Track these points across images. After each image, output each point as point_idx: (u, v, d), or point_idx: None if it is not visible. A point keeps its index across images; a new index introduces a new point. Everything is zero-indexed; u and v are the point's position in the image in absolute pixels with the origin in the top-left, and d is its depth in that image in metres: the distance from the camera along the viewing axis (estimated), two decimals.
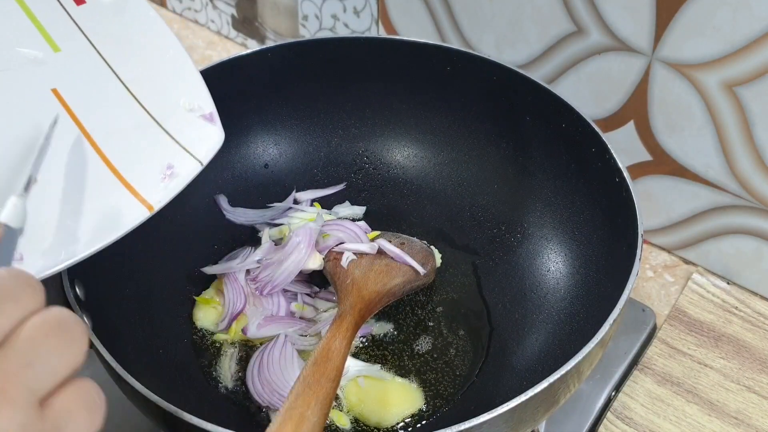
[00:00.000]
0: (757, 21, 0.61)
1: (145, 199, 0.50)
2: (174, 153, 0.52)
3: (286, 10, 0.93)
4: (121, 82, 0.54)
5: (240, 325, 0.65)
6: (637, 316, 0.72)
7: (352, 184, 0.77)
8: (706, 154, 0.70)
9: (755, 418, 0.66)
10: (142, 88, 0.55)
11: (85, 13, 0.57)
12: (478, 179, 0.75)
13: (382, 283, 0.63)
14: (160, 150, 0.52)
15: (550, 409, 0.54)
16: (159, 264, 0.68)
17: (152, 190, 0.50)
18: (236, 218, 0.73)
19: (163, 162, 0.51)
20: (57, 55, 0.55)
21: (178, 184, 0.51)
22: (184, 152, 0.52)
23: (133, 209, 0.49)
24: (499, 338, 0.66)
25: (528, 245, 0.70)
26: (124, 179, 0.51)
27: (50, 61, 0.55)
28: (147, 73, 0.55)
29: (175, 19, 1.08)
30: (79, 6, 0.57)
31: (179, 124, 0.53)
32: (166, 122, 0.53)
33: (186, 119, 0.54)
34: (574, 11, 0.69)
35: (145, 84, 0.55)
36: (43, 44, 0.55)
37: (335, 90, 0.76)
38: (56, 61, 0.55)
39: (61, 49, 0.55)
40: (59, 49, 0.55)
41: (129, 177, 0.51)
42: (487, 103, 0.72)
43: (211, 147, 0.53)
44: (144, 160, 0.52)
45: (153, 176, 0.51)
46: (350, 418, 0.61)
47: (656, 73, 0.68)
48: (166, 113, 0.54)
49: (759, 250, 0.72)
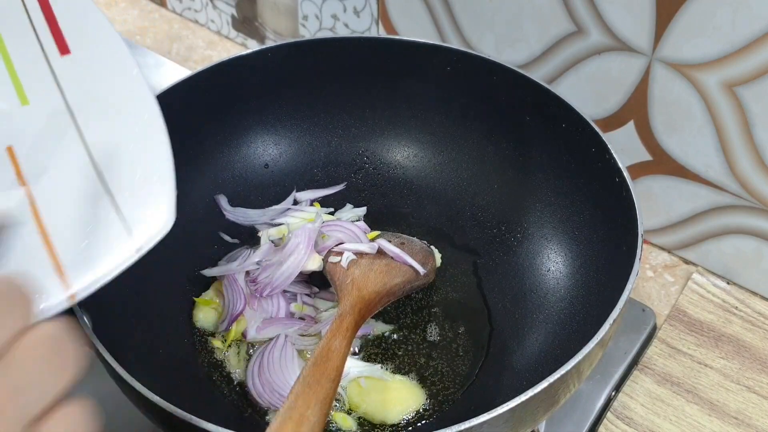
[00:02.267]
0: (757, 21, 0.60)
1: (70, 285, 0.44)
2: (116, 234, 0.46)
3: (286, 10, 0.93)
4: (84, 145, 0.49)
5: (239, 327, 0.65)
6: (637, 316, 0.72)
7: (352, 184, 0.77)
8: (706, 154, 0.70)
9: (755, 418, 0.66)
10: (104, 153, 0.49)
11: (66, 64, 0.52)
12: (478, 179, 0.75)
13: (382, 283, 0.63)
14: (102, 228, 0.47)
15: (550, 409, 0.54)
16: (159, 264, 0.67)
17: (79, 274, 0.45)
18: (236, 218, 0.73)
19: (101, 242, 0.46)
20: (22, 109, 0.50)
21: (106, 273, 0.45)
22: (127, 233, 0.46)
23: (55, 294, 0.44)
24: (499, 338, 0.66)
25: (528, 245, 0.70)
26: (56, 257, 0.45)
27: (14, 114, 0.50)
28: (115, 139, 0.50)
29: (175, 19, 1.08)
30: (62, 56, 0.52)
31: (131, 198, 0.48)
32: (118, 194, 0.48)
33: (140, 194, 0.48)
34: (574, 11, 0.69)
35: (109, 150, 0.49)
36: (12, 95, 0.51)
37: (335, 90, 0.75)
38: (20, 116, 0.50)
39: (29, 103, 0.50)
40: (27, 102, 0.50)
41: (62, 255, 0.45)
42: (487, 103, 0.72)
43: (153, 233, 0.46)
44: (83, 236, 0.46)
45: (85, 258, 0.45)
46: (355, 418, 0.61)
47: (656, 73, 0.68)
48: (122, 185, 0.48)
49: (759, 250, 0.72)
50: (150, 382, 0.50)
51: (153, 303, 0.66)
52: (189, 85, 0.69)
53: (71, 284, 0.44)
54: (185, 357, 0.65)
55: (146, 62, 0.98)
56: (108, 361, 0.50)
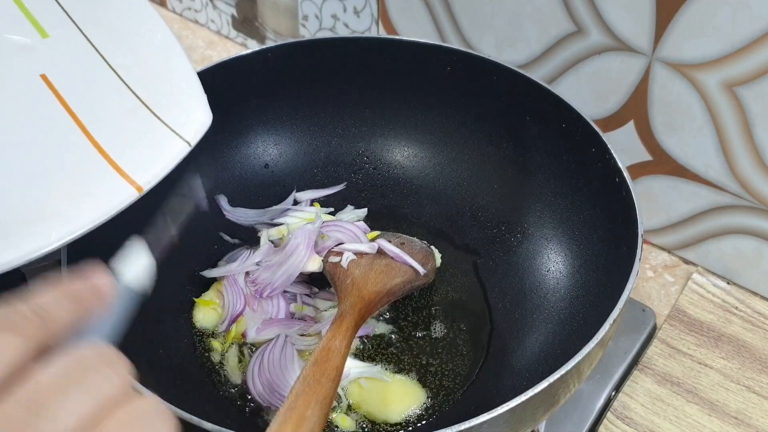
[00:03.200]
0: (757, 21, 0.60)
1: (135, 181, 0.50)
2: (162, 135, 0.53)
3: (286, 10, 0.93)
4: (110, 68, 0.55)
5: (239, 328, 0.65)
6: (637, 316, 0.72)
7: (352, 184, 0.77)
8: (706, 154, 0.70)
9: (755, 418, 0.66)
10: (130, 72, 0.55)
11: (73, 1, 0.57)
12: (478, 179, 0.75)
13: (382, 283, 0.63)
14: (149, 133, 0.53)
15: (550, 409, 0.54)
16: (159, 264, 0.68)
17: (141, 171, 0.51)
18: (236, 218, 0.73)
19: (152, 144, 0.52)
20: (46, 41, 0.55)
21: (166, 165, 0.52)
22: (173, 134, 0.53)
23: (123, 190, 0.50)
24: (500, 338, 0.66)
25: (528, 245, 0.70)
26: (113, 161, 0.51)
27: (39, 47, 0.55)
28: (136, 58, 0.56)
29: (175, 19, 1.08)
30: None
31: (168, 107, 0.54)
32: (155, 105, 0.54)
33: (174, 102, 0.54)
34: (574, 11, 0.69)
35: (133, 69, 0.55)
36: (32, 31, 0.56)
37: (335, 90, 0.76)
38: (45, 47, 0.55)
39: (50, 36, 0.56)
40: (48, 35, 0.56)
41: (118, 159, 0.51)
42: (487, 103, 0.72)
43: (198, 128, 0.53)
44: (132, 142, 0.53)
45: (142, 158, 0.52)
46: (355, 419, 0.61)
47: (656, 73, 0.68)
48: (155, 97, 0.54)
49: (759, 250, 0.72)
50: (150, 382, 0.50)
51: (153, 303, 0.65)
52: None
53: (135, 180, 0.50)
54: (185, 357, 0.65)
55: None
56: None
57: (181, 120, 0.54)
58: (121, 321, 0.35)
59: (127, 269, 0.37)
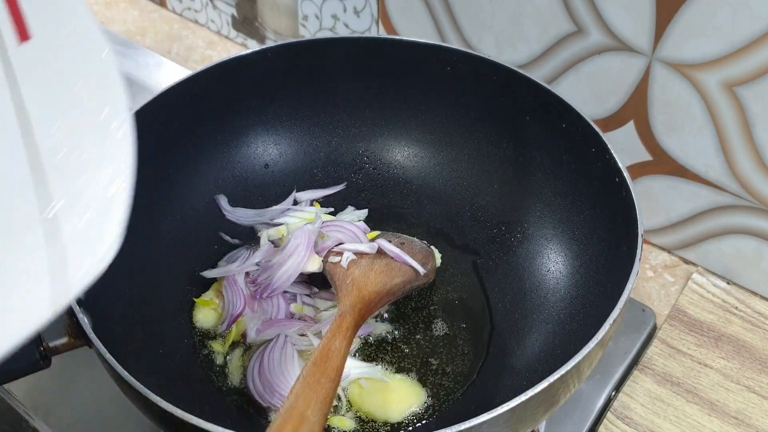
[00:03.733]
0: (757, 21, 0.60)
1: None
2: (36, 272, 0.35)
3: (286, 10, 0.93)
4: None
5: (239, 329, 0.65)
6: (637, 316, 0.72)
7: (352, 184, 0.77)
8: (706, 154, 0.70)
9: (755, 418, 0.66)
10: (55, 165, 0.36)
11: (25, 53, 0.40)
12: (478, 179, 0.75)
13: (382, 283, 0.63)
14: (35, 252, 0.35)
15: (550, 409, 0.54)
16: (159, 264, 0.68)
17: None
18: (236, 218, 0.73)
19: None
20: None
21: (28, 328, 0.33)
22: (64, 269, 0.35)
23: None
24: (500, 338, 0.66)
25: (528, 245, 0.70)
26: None
27: None
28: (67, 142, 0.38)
29: (175, 19, 1.08)
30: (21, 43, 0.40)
31: (74, 222, 0.36)
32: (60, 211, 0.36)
33: (84, 223, 0.36)
34: (574, 11, 0.69)
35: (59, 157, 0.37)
36: None
37: (335, 90, 0.76)
38: None
39: None
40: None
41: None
42: (487, 103, 0.72)
43: (92, 268, 0.35)
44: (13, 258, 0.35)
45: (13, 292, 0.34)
46: (354, 419, 0.61)
47: (656, 73, 0.68)
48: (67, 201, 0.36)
49: (759, 250, 0.72)
50: (150, 382, 0.50)
51: (153, 303, 0.66)
52: (189, 85, 0.69)
53: None
54: (185, 357, 0.65)
55: (146, 62, 0.98)
56: (108, 361, 0.50)
57: (80, 248, 0.36)
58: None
59: None
